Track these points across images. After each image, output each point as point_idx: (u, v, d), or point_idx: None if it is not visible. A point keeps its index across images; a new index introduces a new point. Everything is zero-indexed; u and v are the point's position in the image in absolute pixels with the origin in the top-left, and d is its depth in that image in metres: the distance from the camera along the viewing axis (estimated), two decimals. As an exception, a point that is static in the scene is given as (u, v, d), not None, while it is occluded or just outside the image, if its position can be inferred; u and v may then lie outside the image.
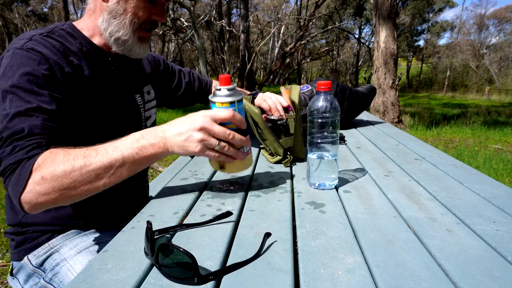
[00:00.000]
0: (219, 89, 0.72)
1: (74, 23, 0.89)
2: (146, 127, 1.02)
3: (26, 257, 0.84)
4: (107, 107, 0.86)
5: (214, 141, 0.69)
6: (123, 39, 0.85)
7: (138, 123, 0.98)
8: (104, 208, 0.91)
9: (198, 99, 1.30)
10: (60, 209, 0.85)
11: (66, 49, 0.81)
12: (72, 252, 0.82)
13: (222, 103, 0.71)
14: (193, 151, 0.69)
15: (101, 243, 0.86)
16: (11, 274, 0.88)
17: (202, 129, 0.68)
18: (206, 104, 1.35)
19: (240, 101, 0.73)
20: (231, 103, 0.71)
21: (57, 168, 0.64)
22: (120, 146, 0.68)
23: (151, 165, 0.74)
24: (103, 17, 0.84)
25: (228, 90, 0.71)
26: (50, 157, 0.65)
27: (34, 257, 0.83)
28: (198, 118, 0.69)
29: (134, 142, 0.69)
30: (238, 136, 0.71)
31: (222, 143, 0.70)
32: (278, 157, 1.01)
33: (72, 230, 0.87)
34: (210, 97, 0.73)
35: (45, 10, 24.83)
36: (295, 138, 1.00)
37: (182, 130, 0.69)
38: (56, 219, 0.85)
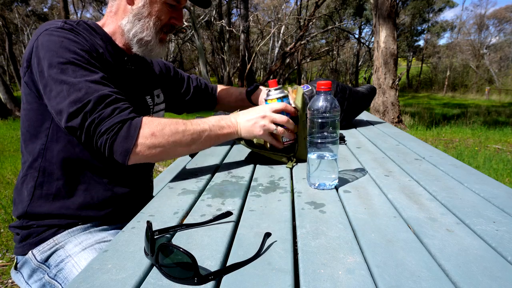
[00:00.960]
0: (269, 90, 0.97)
1: (96, 22, 0.94)
2: None
3: (30, 251, 0.84)
4: None
5: (273, 126, 0.90)
6: (146, 39, 0.92)
7: None
8: (111, 204, 0.91)
9: (205, 104, 1.32)
10: (68, 199, 0.86)
11: (92, 40, 0.86)
12: (77, 249, 0.82)
13: (271, 99, 0.95)
14: (257, 133, 0.90)
15: (106, 241, 0.86)
16: (15, 268, 0.88)
17: (265, 117, 0.89)
18: (212, 110, 1.35)
19: (285, 97, 0.96)
20: (278, 98, 0.95)
21: (165, 127, 0.79)
22: (207, 121, 0.86)
23: (223, 141, 0.91)
24: (127, 18, 0.90)
25: (275, 90, 0.96)
26: (154, 119, 0.80)
27: (38, 252, 0.83)
28: (262, 109, 0.91)
29: (217, 121, 0.87)
30: (291, 120, 0.92)
31: (279, 128, 0.91)
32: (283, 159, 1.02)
33: (77, 227, 0.87)
34: (264, 98, 0.98)
35: (45, 10, 24.84)
36: (299, 140, 0.99)
37: (250, 118, 0.90)
38: (64, 208, 0.85)
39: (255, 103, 1.24)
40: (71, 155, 0.85)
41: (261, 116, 0.89)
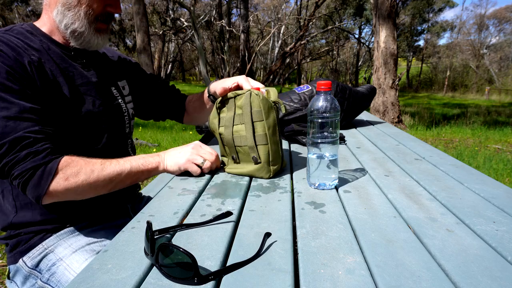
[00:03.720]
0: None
1: (34, 23, 0.89)
2: (129, 118, 1.02)
3: (21, 259, 0.84)
4: (80, 100, 0.86)
5: (200, 158, 0.88)
6: (79, 31, 0.86)
7: (119, 115, 0.97)
8: (93, 203, 0.90)
9: (173, 104, 1.19)
10: (48, 205, 0.84)
11: (25, 45, 0.81)
12: (68, 251, 0.82)
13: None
14: (181, 162, 0.87)
15: (95, 242, 0.86)
16: (8, 278, 0.88)
17: (193, 148, 0.90)
18: (181, 118, 1.19)
19: None
20: None
21: (80, 170, 0.76)
22: (129, 159, 0.84)
23: (149, 178, 0.88)
24: (57, 9, 0.85)
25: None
26: (72, 162, 0.76)
27: (29, 258, 0.83)
28: (190, 144, 0.91)
29: (140, 158, 0.85)
30: (218, 157, 0.93)
31: (207, 163, 0.89)
32: (253, 166, 0.88)
33: (65, 230, 0.86)
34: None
35: (45, 10, 24.79)
36: (269, 147, 0.85)
37: (177, 149, 0.89)
38: (46, 214, 0.85)
39: (213, 94, 1.07)
40: None
41: (189, 147, 0.89)
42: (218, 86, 1.00)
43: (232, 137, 0.88)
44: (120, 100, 0.99)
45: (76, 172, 0.76)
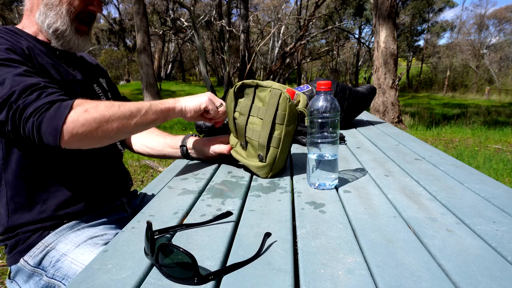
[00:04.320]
0: None
1: (16, 26, 0.91)
2: None
3: (22, 259, 0.84)
4: (70, 94, 0.86)
5: (218, 101, 0.92)
6: (61, 29, 0.88)
7: None
8: (88, 198, 0.91)
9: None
10: (43, 204, 0.85)
11: (15, 41, 0.83)
12: (70, 246, 0.83)
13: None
14: (202, 100, 0.89)
15: (96, 236, 0.87)
16: (9, 278, 0.88)
17: (210, 94, 0.92)
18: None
19: None
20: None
21: (99, 104, 0.75)
22: (146, 101, 0.84)
23: (168, 119, 0.87)
24: (39, 10, 0.87)
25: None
26: (88, 100, 0.75)
27: (30, 257, 0.83)
28: (205, 93, 0.93)
29: (156, 100, 0.85)
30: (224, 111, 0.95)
31: (223, 107, 0.93)
32: (257, 162, 0.88)
33: (63, 226, 0.87)
34: None
35: (45, 10, 24.73)
36: (279, 153, 0.86)
37: (193, 96, 0.90)
38: (43, 213, 0.85)
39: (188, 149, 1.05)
40: (31, 163, 0.83)
41: (206, 94, 0.92)
42: (203, 147, 1.01)
43: (246, 127, 0.89)
44: (102, 97, 1.01)
45: (95, 105, 0.74)
